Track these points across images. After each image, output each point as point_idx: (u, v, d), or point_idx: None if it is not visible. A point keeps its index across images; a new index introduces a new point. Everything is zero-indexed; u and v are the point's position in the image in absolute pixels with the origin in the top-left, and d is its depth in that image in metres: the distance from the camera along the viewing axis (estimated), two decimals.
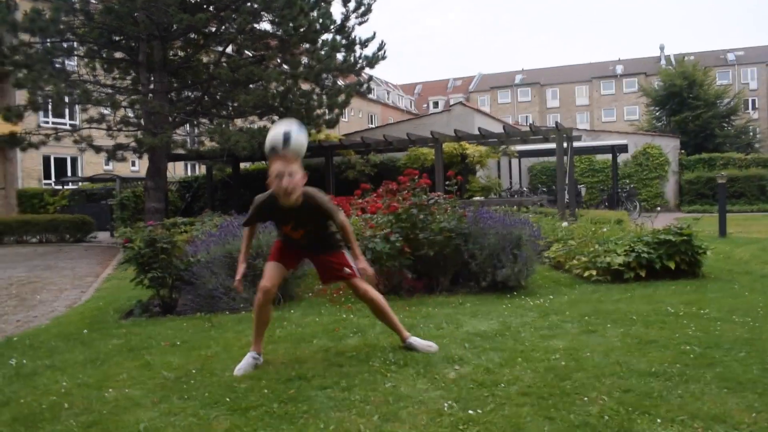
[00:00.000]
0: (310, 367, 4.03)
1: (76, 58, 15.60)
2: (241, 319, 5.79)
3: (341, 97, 14.82)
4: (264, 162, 19.12)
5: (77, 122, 23.15)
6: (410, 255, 6.68)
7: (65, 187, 24.72)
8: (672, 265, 7.15)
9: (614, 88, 67.45)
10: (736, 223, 15.61)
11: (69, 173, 29.14)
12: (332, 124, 15.41)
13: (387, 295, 6.62)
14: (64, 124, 25.08)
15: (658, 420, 2.96)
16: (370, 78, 16.77)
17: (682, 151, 27.38)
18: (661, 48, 71.54)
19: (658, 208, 19.46)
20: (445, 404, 3.26)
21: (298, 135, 3.79)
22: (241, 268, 4.17)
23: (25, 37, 13.15)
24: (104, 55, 15.06)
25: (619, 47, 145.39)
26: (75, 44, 14.85)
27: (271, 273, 4.07)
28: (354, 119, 56.50)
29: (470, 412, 3.14)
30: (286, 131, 3.76)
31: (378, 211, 7.57)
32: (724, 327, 4.74)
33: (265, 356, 4.33)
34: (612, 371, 3.70)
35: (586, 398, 3.27)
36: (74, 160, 29.80)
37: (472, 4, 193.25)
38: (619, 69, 68.38)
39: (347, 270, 4.19)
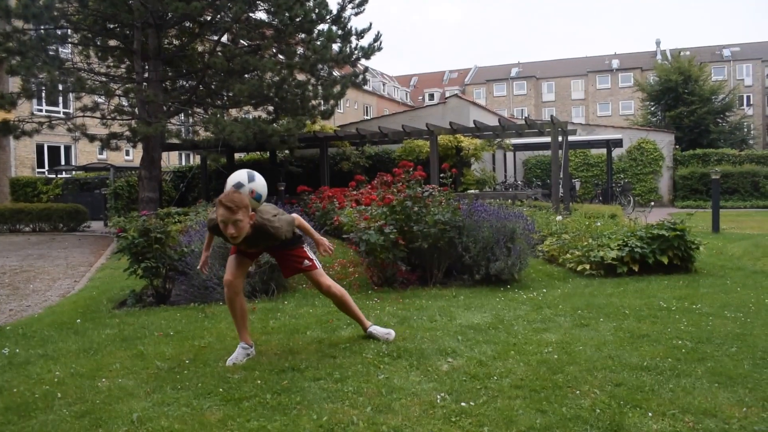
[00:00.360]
0: (304, 358, 4.04)
1: (70, 45, 15.49)
2: None
3: (337, 88, 14.76)
4: (258, 152, 19.09)
5: (71, 110, 23.07)
6: (404, 247, 6.69)
7: (59, 175, 24.57)
8: (665, 260, 7.18)
9: (610, 83, 67.46)
10: (729, 219, 15.67)
11: (62, 162, 29.01)
12: (327, 115, 15.37)
13: (381, 287, 6.67)
14: (58, 112, 24.98)
15: (650, 414, 2.98)
16: (366, 69, 16.72)
17: (677, 147, 27.42)
18: (657, 43, 71.56)
19: (652, 203, 19.53)
20: (438, 396, 3.27)
21: (254, 183, 3.91)
22: (204, 255, 4.41)
23: (19, 23, 13.04)
24: (98, 43, 14.96)
25: (615, 41, 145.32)
26: (69, 31, 14.72)
27: (232, 266, 4.12)
28: (349, 110, 56.36)
29: (463, 404, 3.15)
30: (249, 173, 3.95)
31: (372, 203, 7.57)
32: (716, 322, 4.77)
33: (258, 347, 4.33)
34: (604, 365, 3.72)
35: (578, 391, 3.29)
36: (68, 149, 29.67)
37: None
38: (615, 63, 68.37)
39: (307, 262, 4.23)
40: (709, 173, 14.82)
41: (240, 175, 3.92)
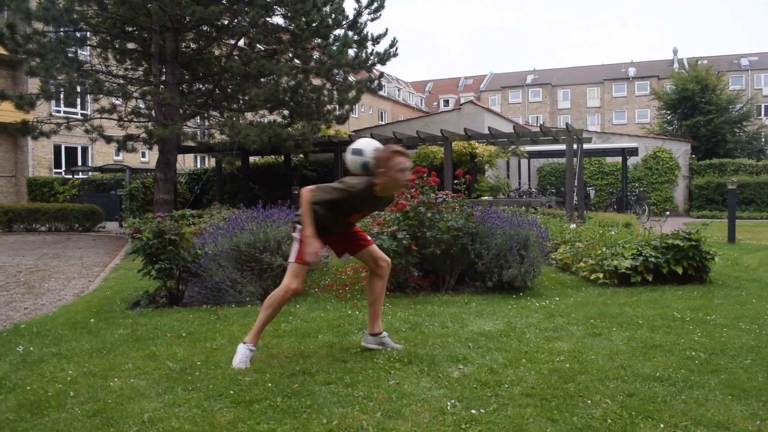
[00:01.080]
0: (315, 362, 4.04)
1: (88, 47, 15.65)
2: (247, 312, 5.81)
3: (352, 93, 14.81)
4: (273, 156, 19.15)
5: (89, 112, 23.29)
6: (417, 253, 6.68)
7: (75, 176, 24.82)
8: (679, 270, 7.12)
9: (626, 91, 67.16)
10: (745, 230, 15.53)
11: (79, 162, 29.25)
12: (342, 119, 15.41)
13: (393, 292, 6.66)
14: (76, 113, 25.22)
15: (661, 425, 2.95)
16: (381, 75, 16.75)
17: (693, 156, 27.24)
18: (674, 51, 71.30)
19: (667, 213, 19.37)
20: (448, 403, 3.26)
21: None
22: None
23: (39, 25, 13.21)
24: (117, 46, 15.11)
25: (631, 49, 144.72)
26: (88, 34, 14.89)
27: (302, 275, 4.07)
28: (364, 115, 56.49)
29: (473, 411, 3.14)
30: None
31: (386, 209, 7.57)
32: (730, 334, 4.72)
33: (269, 350, 4.35)
34: (616, 375, 3.70)
35: (589, 401, 3.27)
36: (85, 150, 29.91)
37: (485, 4, 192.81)
38: (632, 71, 68.08)
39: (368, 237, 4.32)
40: (726, 183, 14.70)
41: (361, 144, 4.02)
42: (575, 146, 14.94)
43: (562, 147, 16.74)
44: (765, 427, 2.92)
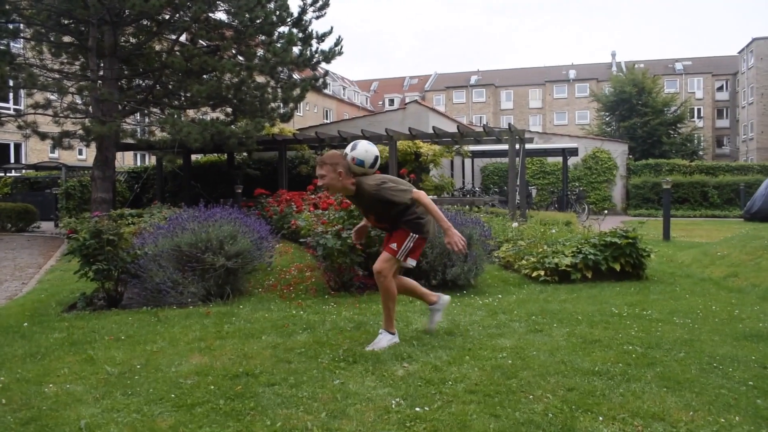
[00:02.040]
0: (258, 363, 4.00)
1: (22, 40, 15.07)
2: (188, 314, 5.70)
3: (296, 91, 14.68)
4: (215, 154, 18.85)
5: (22, 107, 22.40)
6: (362, 252, 6.68)
7: (8, 174, 23.89)
8: (617, 267, 7.34)
9: (567, 93, 68.73)
10: (679, 228, 16.10)
11: (12, 160, 28.20)
12: (286, 118, 15.26)
13: (338, 291, 6.65)
14: (8, 108, 24.23)
15: (600, 418, 3.03)
16: (326, 73, 16.66)
17: (630, 156, 28.10)
18: (613, 55, 73.35)
19: (606, 211, 19.91)
20: (393, 401, 3.27)
21: (355, 151, 4.36)
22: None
23: None
24: (52, 39, 14.57)
25: (572, 52, 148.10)
26: (21, 26, 14.33)
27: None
28: (309, 114, 56.15)
29: (417, 409, 3.16)
30: (354, 143, 4.41)
31: (330, 207, 7.55)
32: (665, 328, 4.89)
33: (212, 352, 4.28)
34: (557, 370, 3.78)
35: (531, 396, 3.33)
36: (18, 147, 28.85)
37: (433, 5, 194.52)
38: (572, 74, 69.71)
39: (393, 246, 4.37)
40: (661, 183, 15.20)
41: (349, 145, 4.39)
42: (517, 146, 15.19)
43: (505, 147, 17.00)
44: (698, 417, 3.03)
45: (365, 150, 4.33)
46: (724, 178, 25.26)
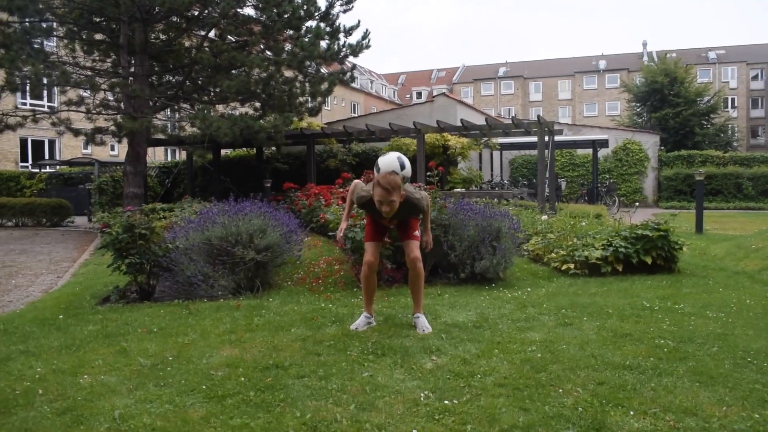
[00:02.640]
0: (288, 355, 4.03)
1: (55, 39, 15.32)
2: (219, 307, 5.77)
3: (324, 85, 14.71)
4: (245, 149, 19.00)
5: (56, 104, 22.84)
6: (390, 245, 6.68)
7: (42, 170, 24.35)
8: (648, 260, 7.24)
9: (596, 83, 67.80)
10: (712, 220, 15.82)
11: (46, 156, 28.73)
12: (314, 112, 15.32)
13: None
14: (42, 106, 24.70)
15: (631, 412, 3.00)
16: (354, 67, 16.69)
17: (662, 148, 27.63)
18: (644, 44, 72.14)
19: (637, 204, 19.62)
20: (422, 394, 3.28)
21: (405, 170, 4.61)
22: (344, 226, 5.01)
23: (3, 16, 12.89)
24: (84, 37, 14.80)
25: (602, 42, 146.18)
26: (54, 24, 14.56)
27: (371, 249, 4.72)
28: (337, 108, 56.26)
29: (446, 402, 3.16)
30: (401, 161, 4.61)
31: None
32: (698, 322, 4.81)
33: (242, 345, 4.33)
34: (587, 364, 3.75)
35: (560, 390, 3.31)
36: (52, 143, 29.39)
37: None
38: (602, 64, 68.73)
39: (416, 232, 4.73)
40: (694, 174, 14.95)
41: (393, 164, 4.57)
42: (546, 138, 15.05)
43: (534, 139, 16.86)
44: (731, 413, 2.99)
45: (409, 167, 4.66)
46: (759, 170, 24.70)
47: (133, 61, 14.07)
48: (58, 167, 25.12)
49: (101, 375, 3.76)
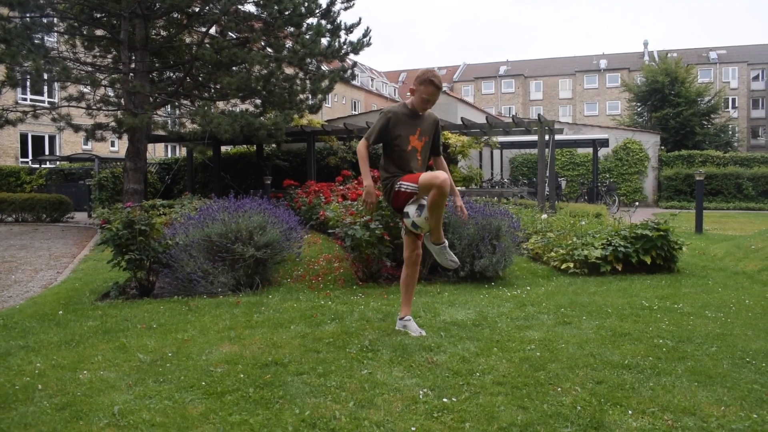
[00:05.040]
0: (287, 352, 4.03)
1: (56, 34, 15.32)
2: (218, 303, 5.77)
3: (325, 83, 14.70)
4: (245, 146, 19.00)
5: (56, 100, 22.80)
6: (390, 243, 6.69)
7: (42, 165, 24.34)
8: (648, 260, 7.24)
9: (597, 83, 67.78)
10: (712, 220, 15.82)
11: (47, 152, 28.71)
12: (315, 109, 15.31)
13: (366, 282, 6.68)
14: (43, 101, 24.68)
15: (629, 411, 3.00)
16: (355, 64, 16.67)
17: (662, 148, 27.63)
18: (645, 44, 72.00)
19: (637, 203, 19.65)
20: (421, 392, 3.28)
21: None
22: (371, 182, 4.38)
23: (4, 11, 12.88)
24: (85, 32, 14.80)
25: (603, 42, 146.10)
26: (55, 20, 14.55)
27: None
28: (337, 105, 56.22)
29: (445, 400, 3.17)
30: None
31: (359, 198, 7.56)
32: (697, 322, 4.82)
33: (241, 341, 4.33)
34: (586, 363, 3.75)
35: (559, 388, 3.31)
36: (52, 139, 29.38)
37: None
38: (603, 63, 68.68)
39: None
40: (694, 174, 14.95)
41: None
42: (547, 137, 15.06)
43: (534, 138, 16.87)
44: (729, 413, 2.99)
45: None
46: (759, 170, 24.71)
47: (133, 57, 14.06)
48: (58, 163, 25.11)
49: (101, 371, 3.76)
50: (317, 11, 14.24)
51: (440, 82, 4.30)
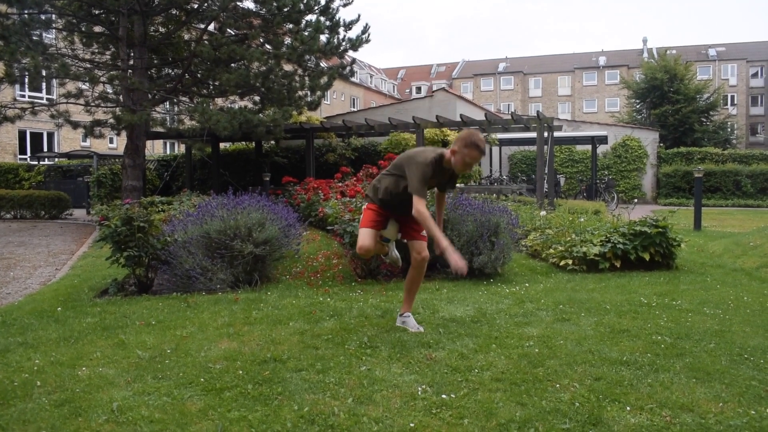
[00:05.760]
0: (286, 349, 4.04)
1: (54, 31, 15.29)
2: (217, 300, 5.77)
3: (323, 79, 14.69)
4: (243, 142, 18.99)
5: (54, 97, 22.77)
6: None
7: (41, 162, 24.31)
8: (647, 257, 7.25)
9: (596, 79, 67.70)
10: (711, 217, 15.84)
11: (45, 148, 28.68)
12: (314, 106, 15.30)
13: (364, 279, 6.68)
14: (41, 98, 24.64)
15: (628, 408, 3.01)
16: (353, 61, 16.63)
17: (661, 145, 27.62)
18: (644, 41, 71.98)
19: (635, 200, 19.67)
20: (419, 388, 3.29)
21: None
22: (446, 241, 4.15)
23: (2, 7, 12.85)
24: (83, 29, 14.76)
25: (602, 39, 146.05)
26: (53, 17, 14.52)
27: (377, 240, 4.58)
28: (336, 102, 56.20)
29: (443, 396, 3.17)
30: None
31: (357, 195, 7.56)
32: (695, 318, 4.82)
33: (240, 338, 4.33)
34: (584, 359, 3.76)
35: (558, 385, 3.32)
36: (51, 136, 29.34)
37: None
38: (602, 60, 68.61)
39: (423, 233, 4.51)
40: (693, 171, 14.96)
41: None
42: (546, 134, 15.06)
43: (533, 135, 16.88)
44: (727, 409, 3.00)
45: None
46: (757, 167, 24.73)
47: (132, 54, 14.04)
48: (56, 160, 25.09)
49: (99, 367, 3.77)
50: (316, 8, 14.22)
51: (485, 148, 4.15)
